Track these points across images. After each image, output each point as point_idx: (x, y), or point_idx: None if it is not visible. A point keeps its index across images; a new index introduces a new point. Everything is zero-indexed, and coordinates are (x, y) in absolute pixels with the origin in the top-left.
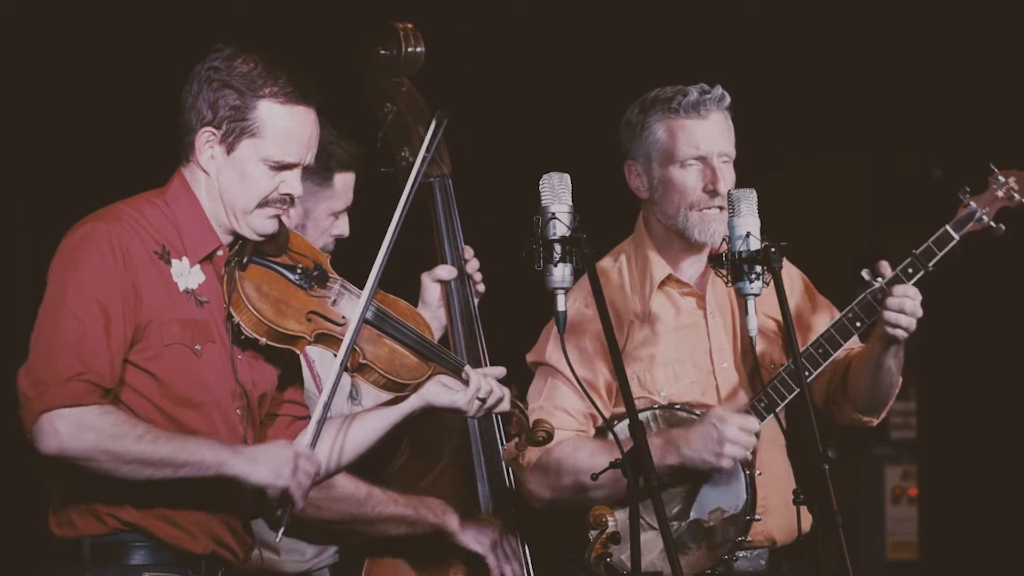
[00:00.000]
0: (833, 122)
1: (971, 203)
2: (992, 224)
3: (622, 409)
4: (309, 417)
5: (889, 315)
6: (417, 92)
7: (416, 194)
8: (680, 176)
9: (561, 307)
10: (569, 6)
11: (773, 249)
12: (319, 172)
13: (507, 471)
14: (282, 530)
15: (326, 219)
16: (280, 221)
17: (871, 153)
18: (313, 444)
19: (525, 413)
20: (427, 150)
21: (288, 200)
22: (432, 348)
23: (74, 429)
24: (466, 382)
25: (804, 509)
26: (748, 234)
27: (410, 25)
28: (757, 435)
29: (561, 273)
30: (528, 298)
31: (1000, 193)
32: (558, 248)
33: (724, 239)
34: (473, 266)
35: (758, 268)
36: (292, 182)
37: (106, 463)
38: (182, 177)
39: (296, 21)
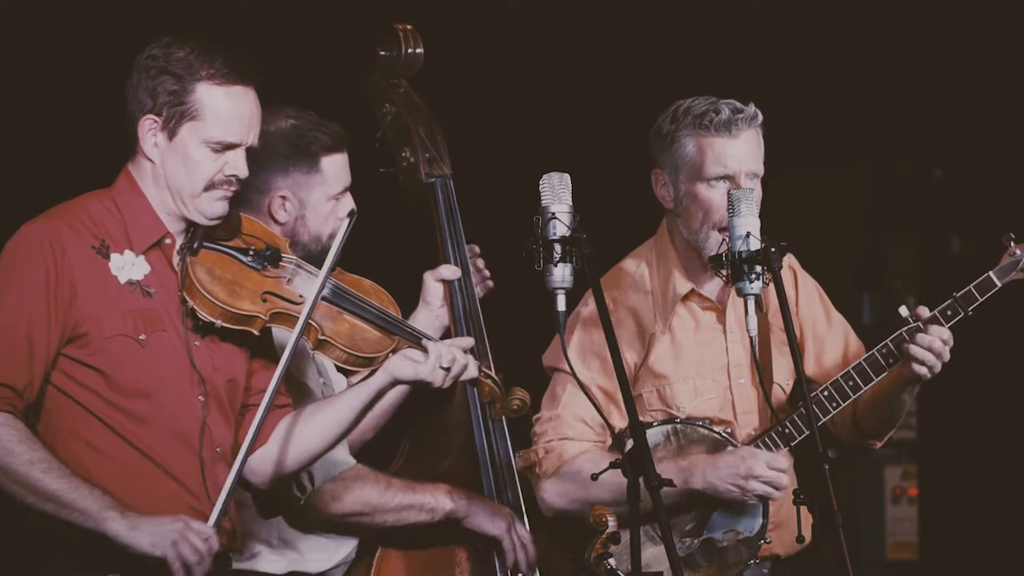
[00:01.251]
0: (834, 125)
1: (1016, 251)
2: None
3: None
4: (289, 405)
5: (916, 351)
6: (415, 93)
7: (418, 194)
8: (706, 194)
9: (561, 307)
10: (569, 7)
11: (773, 249)
12: (304, 160)
13: (514, 470)
14: None
15: (325, 205)
16: (230, 205)
17: (872, 156)
18: (216, 521)
19: (497, 382)
20: (337, 250)
21: (234, 181)
22: (395, 322)
23: None
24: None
25: (804, 510)
26: (748, 234)
27: (410, 26)
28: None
29: (561, 273)
30: (533, 298)
31: None
32: (558, 248)
33: (724, 239)
34: (480, 263)
35: (758, 268)
36: (237, 162)
37: None
38: (127, 172)
39: (294, 22)
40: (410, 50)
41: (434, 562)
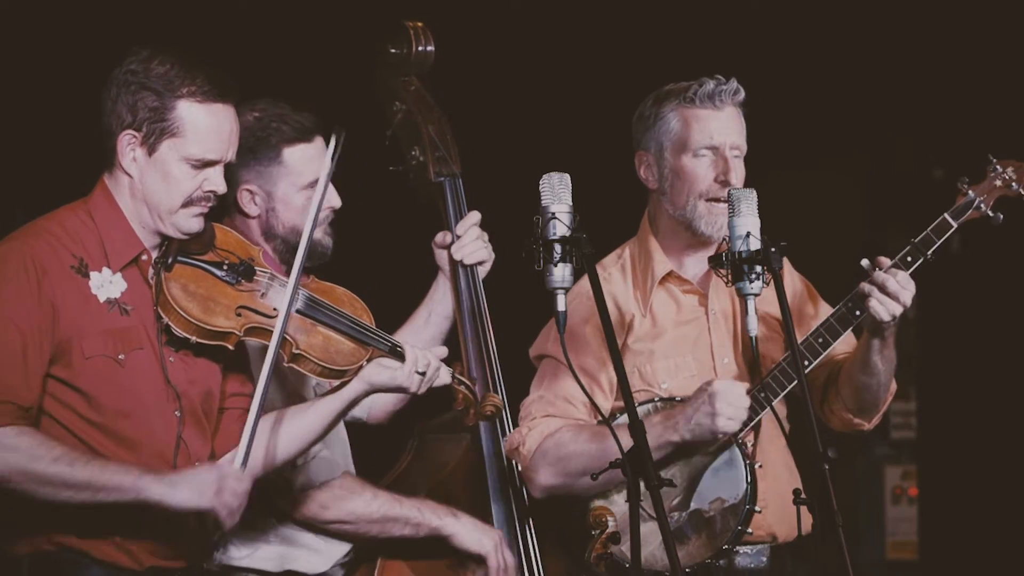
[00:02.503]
0: (833, 122)
1: (969, 192)
2: (990, 213)
3: (623, 403)
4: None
5: (865, 286)
6: (426, 91)
7: (426, 194)
8: (692, 165)
9: (561, 307)
10: (569, 6)
11: (773, 249)
12: (264, 152)
13: (516, 469)
14: (218, 552)
15: (296, 196)
16: (204, 219)
17: (871, 153)
18: (244, 462)
19: (472, 389)
20: (330, 165)
21: (212, 197)
22: (368, 332)
23: None
24: (403, 359)
25: (804, 509)
26: (748, 234)
27: (420, 24)
28: (755, 415)
29: (561, 273)
30: (538, 295)
31: (998, 183)
32: (558, 248)
33: (724, 239)
34: (472, 235)
35: (758, 268)
36: (215, 179)
37: (23, 484)
38: (104, 185)
39: (300, 20)
40: (421, 47)
41: (437, 573)
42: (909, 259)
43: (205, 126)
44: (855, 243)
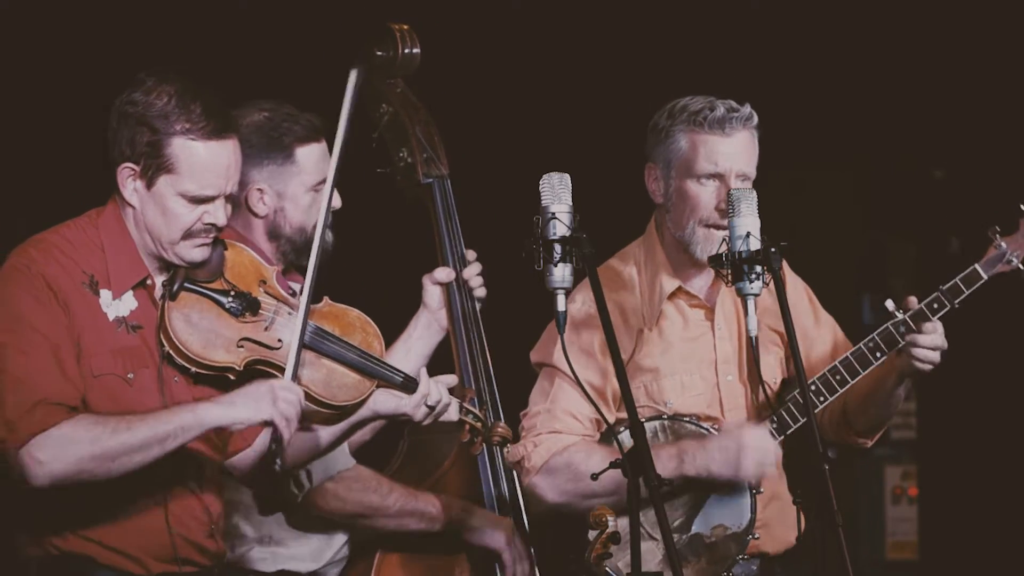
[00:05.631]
0: (835, 122)
1: (1001, 244)
2: (1021, 266)
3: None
4: None
5: (921, 352)
6: (411, 93)
7: (415, 195)
8: (695, 190)
9: (561, 307)
10: (569, 6)
11: (773, 249)
12: (278, 152)
13: (514, 476)
14: (278, 461)
15: (304, 196)
16: (212, 247)
17: (873, 154)
18: (293, 375)
19: (480, 417)
20: (350, 104)
21: (212, 229)
22: (375, 363)
23: (54, 452)
24: (412, 391)
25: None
26: (748, 234)
27: (406, 26)
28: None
29: (561, 273)
30: (530, 299)
31: None
32: (558, 248)
33: (724, 239)
34: (473, 270)
35: (758, 268)
36: (215, 212)
37: (97, 469)
38: (115, 205)
39: (293, 21)
40: (407, 50)
41: (434, 568)
42: (935, 306)
43: (200, 163)
44: (855, 243)
